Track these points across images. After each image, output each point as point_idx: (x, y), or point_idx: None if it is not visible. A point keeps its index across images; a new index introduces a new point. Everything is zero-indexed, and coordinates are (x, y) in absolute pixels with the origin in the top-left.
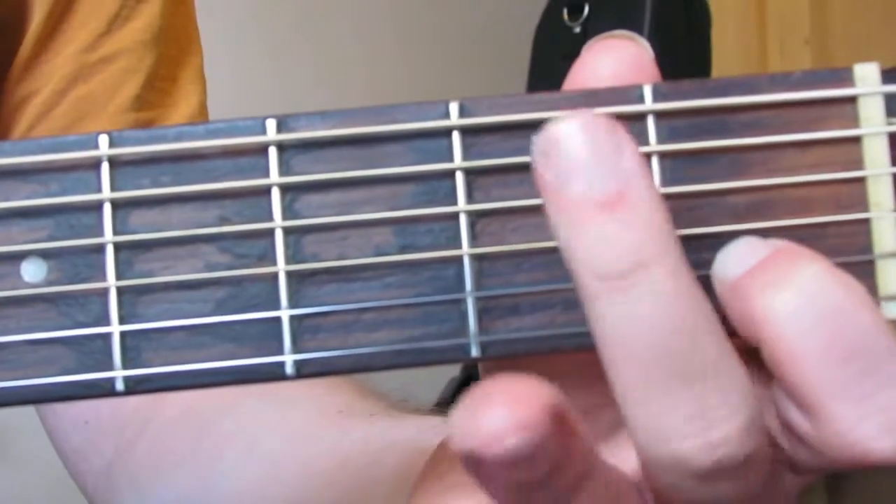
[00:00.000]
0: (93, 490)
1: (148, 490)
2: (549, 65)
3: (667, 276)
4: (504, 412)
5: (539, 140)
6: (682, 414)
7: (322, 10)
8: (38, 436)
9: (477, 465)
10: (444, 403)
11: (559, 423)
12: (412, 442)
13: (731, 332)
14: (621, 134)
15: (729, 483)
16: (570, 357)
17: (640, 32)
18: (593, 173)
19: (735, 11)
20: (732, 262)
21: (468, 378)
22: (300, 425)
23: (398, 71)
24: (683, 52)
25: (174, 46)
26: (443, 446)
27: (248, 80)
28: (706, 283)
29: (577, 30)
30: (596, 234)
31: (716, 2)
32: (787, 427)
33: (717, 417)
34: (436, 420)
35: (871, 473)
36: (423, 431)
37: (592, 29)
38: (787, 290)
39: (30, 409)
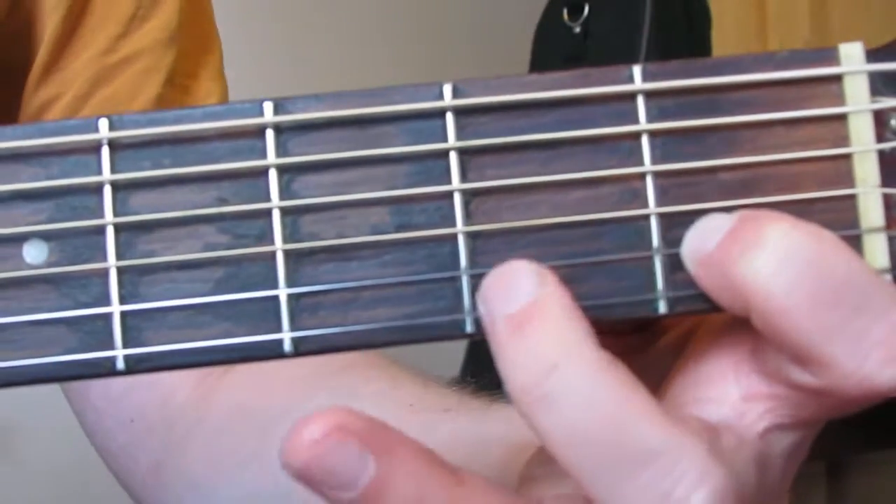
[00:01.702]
0: (140, 488)
1: (209, 489)
2: (549, 65)
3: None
4: (302, 432)
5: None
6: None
7: (334, 10)
8: (38, 436)
9: (300, 480)
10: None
11: (350, 437)
12: (505, 437)
13: (716, 308)
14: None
15: None
16: None
17: (640, 32)
18: (501, 307)
19: (735, 11)
20: (701, 238)
21: (467, 378)
22: None
23: (398, 71)
24: (683, 52)
25: (192, 43)
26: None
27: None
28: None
29: (577, 30)
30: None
31: (716, 2)
32: (794, 387)
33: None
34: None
35: (870, 470)
36: (511, 422)
37: (592, 29)
38: (763, 251)
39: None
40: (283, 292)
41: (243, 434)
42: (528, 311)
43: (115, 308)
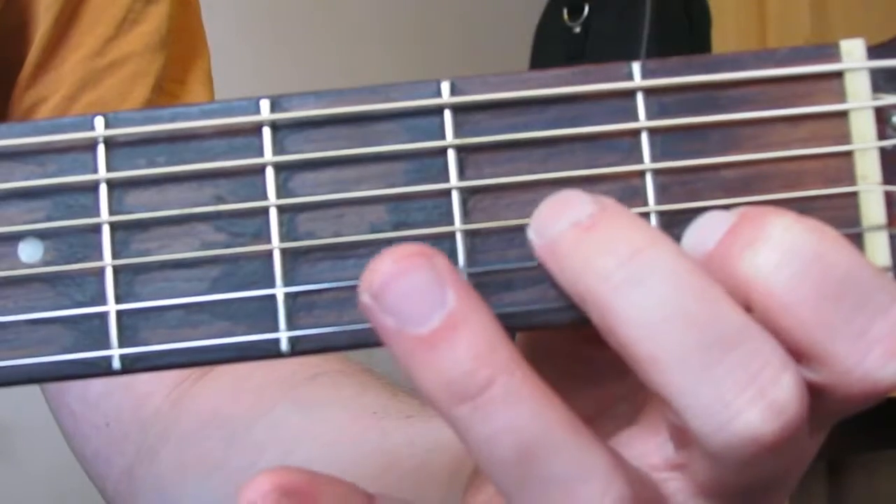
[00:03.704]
0: (113, 493)
1: (176, 496)
2: (549, 65)
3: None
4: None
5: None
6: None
7: (332, 9)
8: (38, 436)
9: None
10: None
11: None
12: (458, 443)
13: None
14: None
15: (789, 453)
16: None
17: (640, 32)
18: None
19: (735, 11)
20: (701, 235)
21: None
22: (336, 430)
23: (396, 71)
24: (683, 52)
25: (182, 49)
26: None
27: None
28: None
29: (577, 30)
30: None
31: (716, 2)
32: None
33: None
34: None
35: (870, 469)
36: None
37: (592, 29)
38: (765, 247)
39: (30, 409)
40: (279, 291)
41: (210, 442)
42: (596, 214)
43: (111, 307)
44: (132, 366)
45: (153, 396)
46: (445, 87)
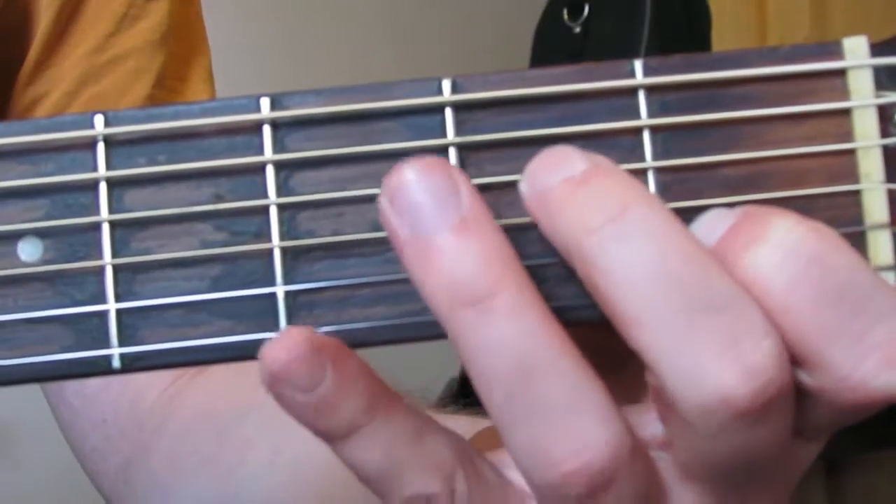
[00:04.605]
0: (110, 489)
1: (169, 491)
2: (549, 65)
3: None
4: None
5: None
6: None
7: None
8: (38, 436)
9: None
10: (444, 403)
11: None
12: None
13: None
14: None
15: (765, 428)
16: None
17: (640, 32)
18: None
19: (735, 11)
20: (704, 232)
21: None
22: None
23: (397, 71)
24: (684, 52)
25: (183, 45)
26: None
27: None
28: None
29: (577, 30)
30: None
31: (716, 2)
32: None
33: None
34: (464, 419)
35: (870, 469)
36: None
37: (592, 29)
38: (766, 246)
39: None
40: (280, 289)
41: (202, 437)
42: (590, 171)
43: (111, 306)
44: (132, 365)
45: (150, 393)
46: (446, 85)
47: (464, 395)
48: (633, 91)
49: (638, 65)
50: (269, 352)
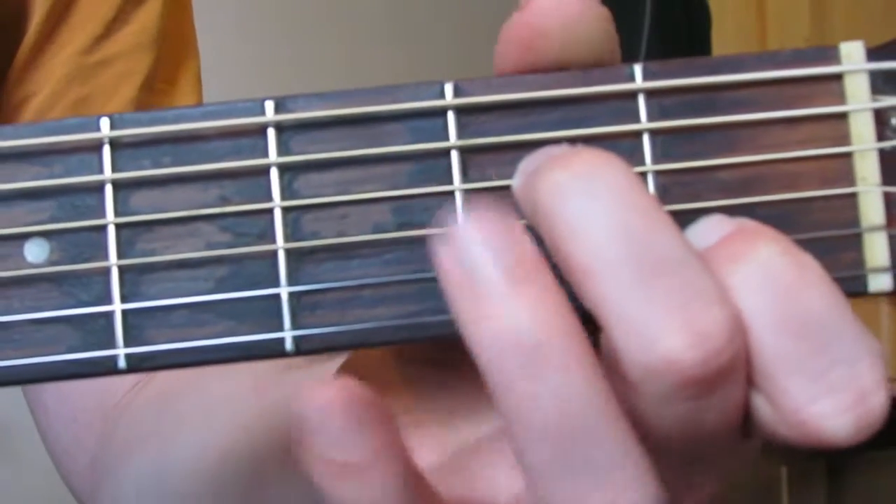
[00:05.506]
0: (79, 490)
1: (119, 474)
2: None
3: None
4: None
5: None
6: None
7: (335, 10)
8: (38, 436)
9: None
10: None
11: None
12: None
13: None
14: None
15: (711, 402)
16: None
17: (640, 32)
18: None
19: (735, 11)
20: (699, 236)
21: None
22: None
23: (399, 73)
24: (683, 53)
25: (172, 49)
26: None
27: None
28: None
29: None
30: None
31: (716, 2)
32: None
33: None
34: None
35: (870, 469)
36: None
37: None
38: (747, 266)
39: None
40: (284, 291)
41: (149, 415)
42: (570, 150)
43: (117, 306)
44: (138, 365)
45: (117, 386)
46: (449, 88)
47: None
48: (632, 95)
49: (637, 69)
50: (314, 399)
